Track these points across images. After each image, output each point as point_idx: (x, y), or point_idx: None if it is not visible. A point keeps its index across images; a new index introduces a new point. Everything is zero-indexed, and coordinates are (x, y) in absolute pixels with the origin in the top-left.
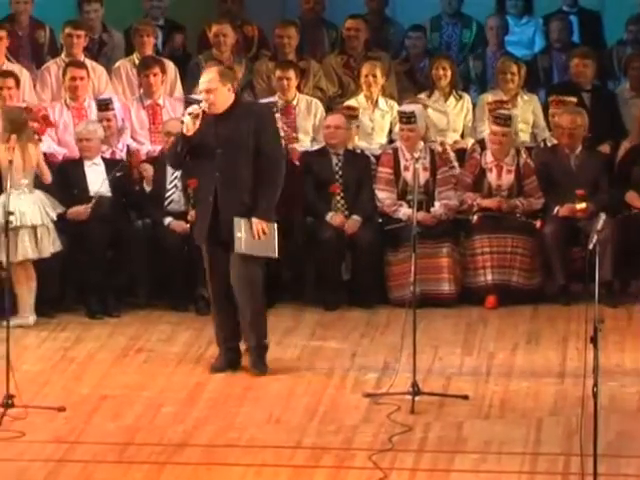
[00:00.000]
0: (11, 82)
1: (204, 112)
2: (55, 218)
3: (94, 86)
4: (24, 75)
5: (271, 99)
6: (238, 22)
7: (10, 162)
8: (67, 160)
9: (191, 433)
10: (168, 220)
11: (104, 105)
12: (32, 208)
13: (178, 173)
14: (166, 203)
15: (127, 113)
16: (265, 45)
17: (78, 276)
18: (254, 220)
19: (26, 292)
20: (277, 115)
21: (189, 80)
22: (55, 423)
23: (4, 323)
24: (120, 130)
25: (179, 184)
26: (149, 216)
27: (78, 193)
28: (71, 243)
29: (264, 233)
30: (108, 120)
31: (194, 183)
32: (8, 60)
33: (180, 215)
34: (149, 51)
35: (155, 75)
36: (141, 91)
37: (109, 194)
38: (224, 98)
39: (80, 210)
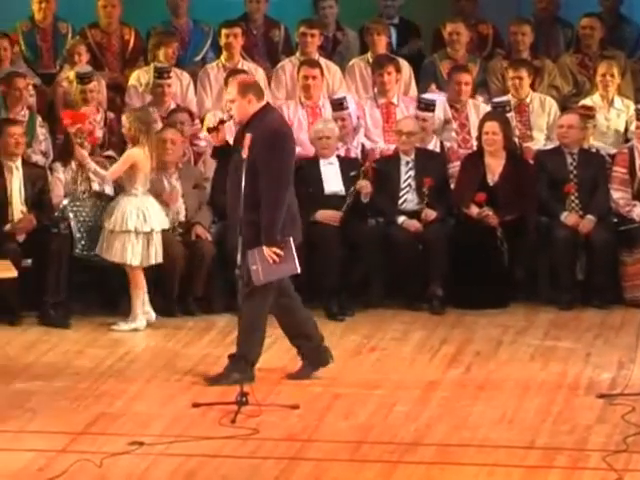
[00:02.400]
0: None
1: (223, 121)
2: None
3: (329, 85)
4: (259, 74)
5: (504, 98)
6: (472, 21)
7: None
8: (303, 158)
9: (424, 432)
10: (402, 219)
11: (338, 104)
12: (160, 212)
13: (412, 172)
14: (400, 202)
15: (361, 112)
16: (500, 44)
17: (313, 278)
18: (263, 248)
19: (142, 295)
20: (510, 114)
21: (424, 79)
22: (288, 421)
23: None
24: (355, 128)
25: (413, 183)
26: (383, 215)
27: (313, 191)
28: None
29: (278, 255)
30: (342, 120)
31: (429, 182)
32: (243, 59)
33: (413, 214)
34: (381, 49)
35: (389, 74)
36: (375, 90)
37: (343, 193)
38: (243, 109)
39: (333, 215)
